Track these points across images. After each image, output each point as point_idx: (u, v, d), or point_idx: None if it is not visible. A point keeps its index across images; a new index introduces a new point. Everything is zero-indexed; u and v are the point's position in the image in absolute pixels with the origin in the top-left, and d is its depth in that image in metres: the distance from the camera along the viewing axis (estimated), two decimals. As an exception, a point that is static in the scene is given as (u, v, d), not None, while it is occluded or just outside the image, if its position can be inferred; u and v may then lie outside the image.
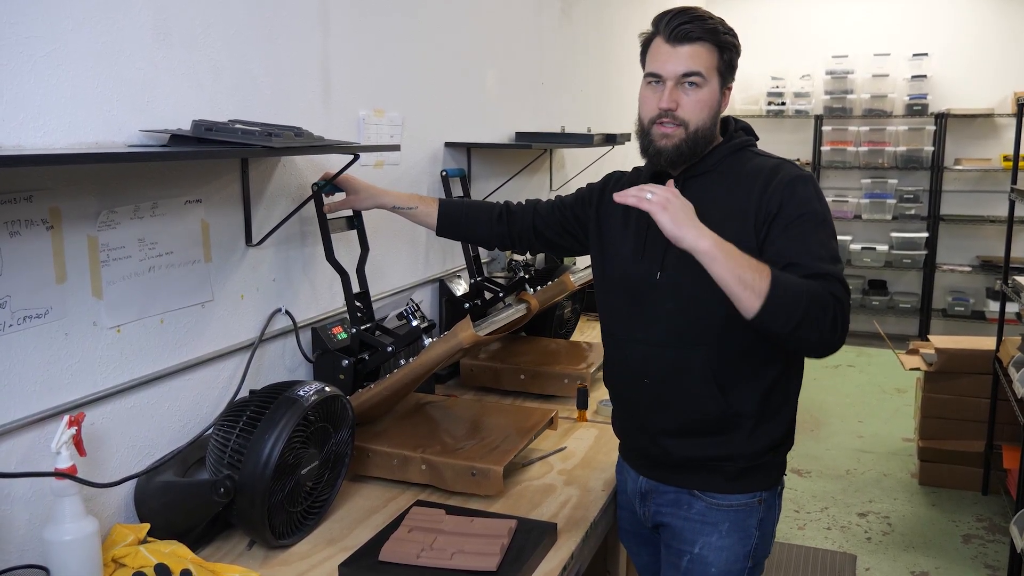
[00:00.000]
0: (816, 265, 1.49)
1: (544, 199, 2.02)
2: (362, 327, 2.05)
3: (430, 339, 1.93)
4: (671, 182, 1.57)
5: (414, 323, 2.01)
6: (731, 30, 1.63)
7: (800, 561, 3.46)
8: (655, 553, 1.82)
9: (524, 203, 2.02)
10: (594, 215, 1.83)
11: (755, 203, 1.57)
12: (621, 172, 1.87)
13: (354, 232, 2.16)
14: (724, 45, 1.60)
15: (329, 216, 2.03)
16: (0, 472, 1.35)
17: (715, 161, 1.65)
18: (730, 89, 1.66)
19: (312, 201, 1.99)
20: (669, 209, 1.41)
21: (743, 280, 1.40)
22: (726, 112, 1.71)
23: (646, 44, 1.66)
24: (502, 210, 2.00)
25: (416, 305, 2.00)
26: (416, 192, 2.62)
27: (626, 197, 1.45)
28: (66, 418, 1.37)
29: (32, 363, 1.43)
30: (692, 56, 1.58)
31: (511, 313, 2.13)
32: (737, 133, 1.70)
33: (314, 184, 1.99)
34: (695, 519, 1.68)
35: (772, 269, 1.43)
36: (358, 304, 2.08)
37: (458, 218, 2.03)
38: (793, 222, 1.54)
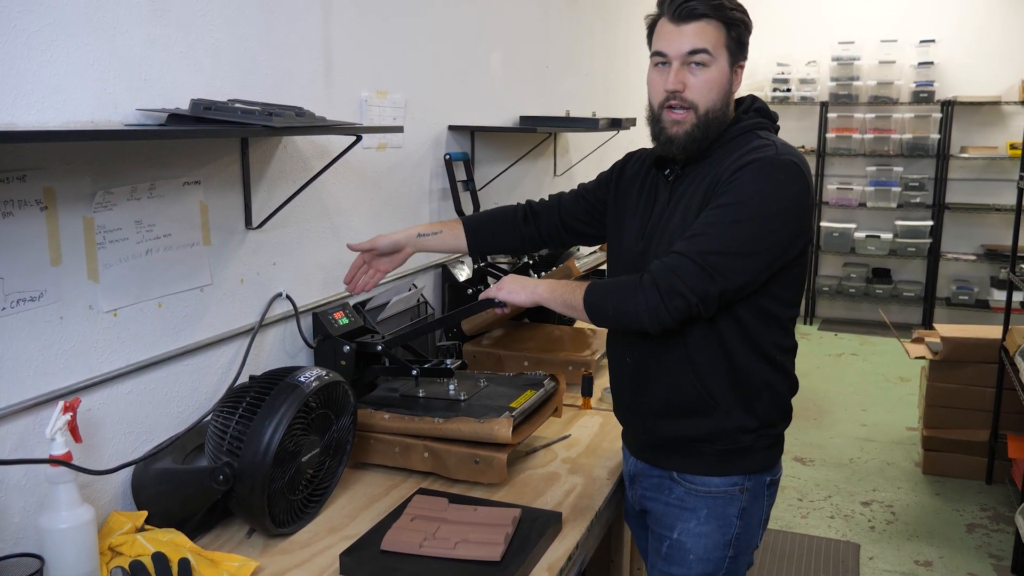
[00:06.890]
0: (676, 248, 1.51)
1: (567, 191, 1.95)
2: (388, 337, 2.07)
3: (455, 384, 1.99)
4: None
5: (448, 362, 2.03)
6: (739, 6, 1.58)
7: (803, 550, 3.44)
8: None
9: (547, 199, 1.96)
10: (613, 192, 1.80)
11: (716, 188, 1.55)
12: (640, 150, 1.81)
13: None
14: (731, 21, 1.55)
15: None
16: (-6, 458, 1.32)
17: (718, 146, 1.60)
18: (741, 67, 1.60)
19: (308, 184, 1.95)
20: (503, 288, 1.69)
21: (568, 304, 1.62)
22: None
23: (652, 26, 1.62)
24: (526, 211, 1.95)
25: (457, 347, 2.00)
26: (420, 181, 2.60)
27: (487, 295, 1.74)
28: (61, 403, 1.34)
29: (26, 347, 1.40)
30: (697, 33, 1.53)
31: (541, 396, 2.01)
32: (748, 114, 1.63)
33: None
34: (674, 504, 1.67)
35: (591, 283, 1.59)
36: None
37: (485, 232, 1.97)
38: (714, 209, 1.51)
